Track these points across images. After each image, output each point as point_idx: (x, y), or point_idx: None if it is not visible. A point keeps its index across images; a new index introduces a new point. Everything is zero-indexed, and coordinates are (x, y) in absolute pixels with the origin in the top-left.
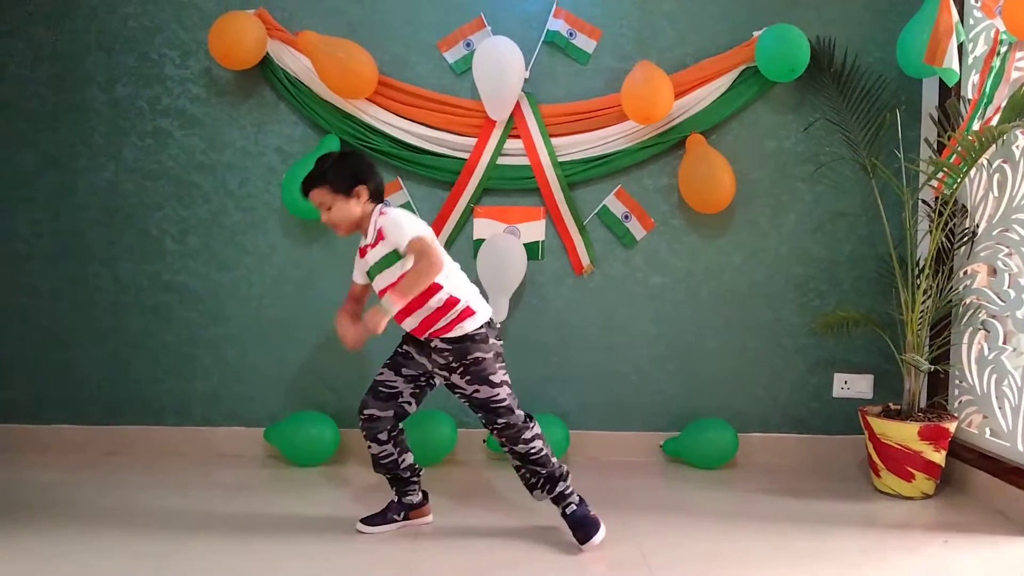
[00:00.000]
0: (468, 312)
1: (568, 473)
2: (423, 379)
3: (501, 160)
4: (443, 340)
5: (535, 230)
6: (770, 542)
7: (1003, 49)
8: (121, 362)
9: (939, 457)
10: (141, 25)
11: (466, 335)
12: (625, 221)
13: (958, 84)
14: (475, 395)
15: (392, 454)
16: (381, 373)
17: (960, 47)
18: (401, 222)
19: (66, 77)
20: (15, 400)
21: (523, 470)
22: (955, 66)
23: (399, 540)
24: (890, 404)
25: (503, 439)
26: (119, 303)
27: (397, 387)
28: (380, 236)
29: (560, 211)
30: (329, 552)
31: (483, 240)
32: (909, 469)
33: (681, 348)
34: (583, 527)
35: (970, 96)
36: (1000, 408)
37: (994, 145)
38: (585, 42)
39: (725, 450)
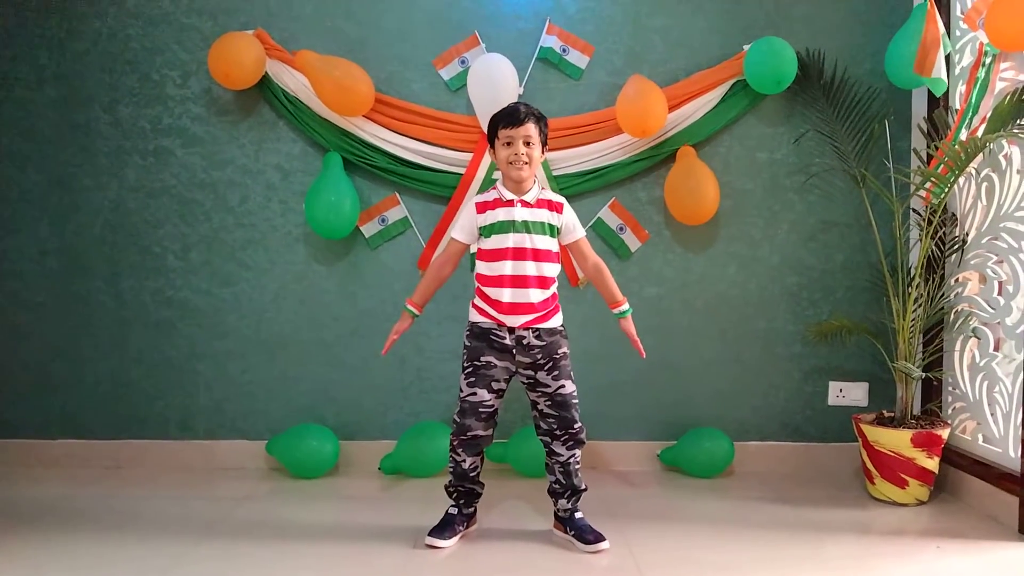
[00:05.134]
0: (559, 306)
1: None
2: (505, 388)
3: (496, 175)
4: (537, 334)
5: None
6: (766, 549)
7: (988, 60)
8: (125, 377)
9: (932, 464)
10: (142, 47)
11: (556, 329)
12: (620, 233)
13: (945, 95)
14: (560, 391)
15: (478, 467)
16: (474, 393)
17: (947, 58)
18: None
19: (69, 98)
20: (20, 415)
21: (561, 477)
22: (943, 76)
23: (397, 548)
24: (884, 411)
25: (571, 443)
26: (122, 319)
27: (494, 406)
28: (553, 207)
29: None
30: (331, 562)
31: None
32: (903, 476)
33: (677, 358)
34: (590, 533)
35: (957, 107)
36: (992, 414)
37: (981, 154)
38: (578, 58)
39: (721, 459)
